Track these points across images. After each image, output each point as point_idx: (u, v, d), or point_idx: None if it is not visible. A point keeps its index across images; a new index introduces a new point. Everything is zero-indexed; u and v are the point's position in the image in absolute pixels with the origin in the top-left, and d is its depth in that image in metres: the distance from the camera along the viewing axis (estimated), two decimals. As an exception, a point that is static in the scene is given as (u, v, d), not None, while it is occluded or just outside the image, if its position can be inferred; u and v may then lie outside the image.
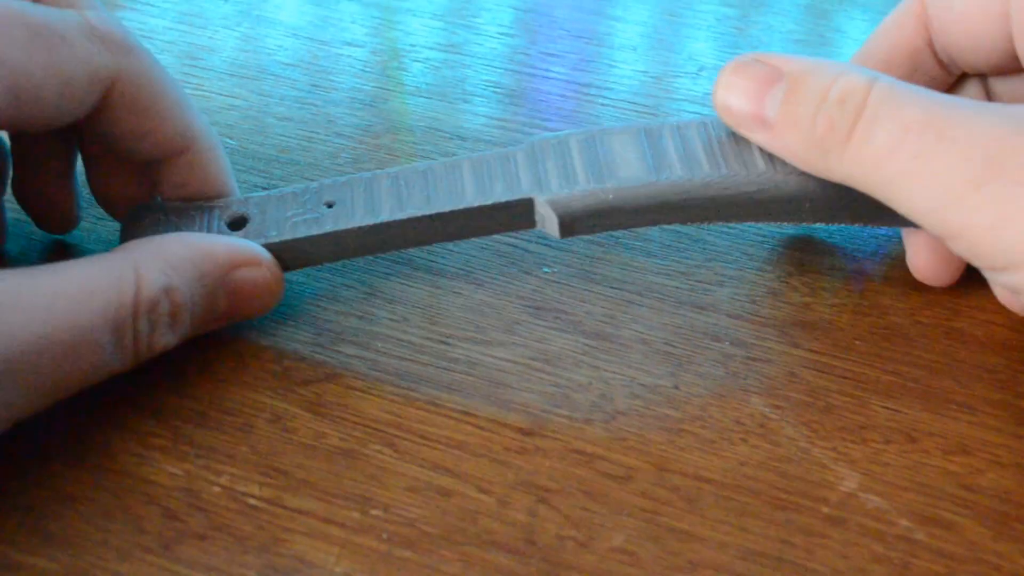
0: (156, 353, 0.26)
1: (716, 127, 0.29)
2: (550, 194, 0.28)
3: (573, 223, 0.28)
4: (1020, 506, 0.26)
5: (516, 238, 0.32)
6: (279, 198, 0.30)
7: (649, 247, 0.32)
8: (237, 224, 0.29)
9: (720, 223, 0.29)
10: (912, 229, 0.30)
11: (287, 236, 0.29)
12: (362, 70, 0.40)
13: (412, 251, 0.32)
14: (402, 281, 0.31)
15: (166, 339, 0.26)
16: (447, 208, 0.29)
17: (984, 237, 0.24)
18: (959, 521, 0.26)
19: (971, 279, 0.31)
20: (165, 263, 0.26)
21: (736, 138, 0.29)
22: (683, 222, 0.29)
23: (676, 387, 0.28)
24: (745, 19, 0.43)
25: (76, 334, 0.24)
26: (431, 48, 0.41)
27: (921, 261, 0.30)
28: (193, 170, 0.29)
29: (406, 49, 0.41)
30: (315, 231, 0.29)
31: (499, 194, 0.29)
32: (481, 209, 0.29)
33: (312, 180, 0.34)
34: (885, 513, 0.26)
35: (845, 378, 0.29)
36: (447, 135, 0.37)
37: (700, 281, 0.31)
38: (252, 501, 0.26)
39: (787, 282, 0.31)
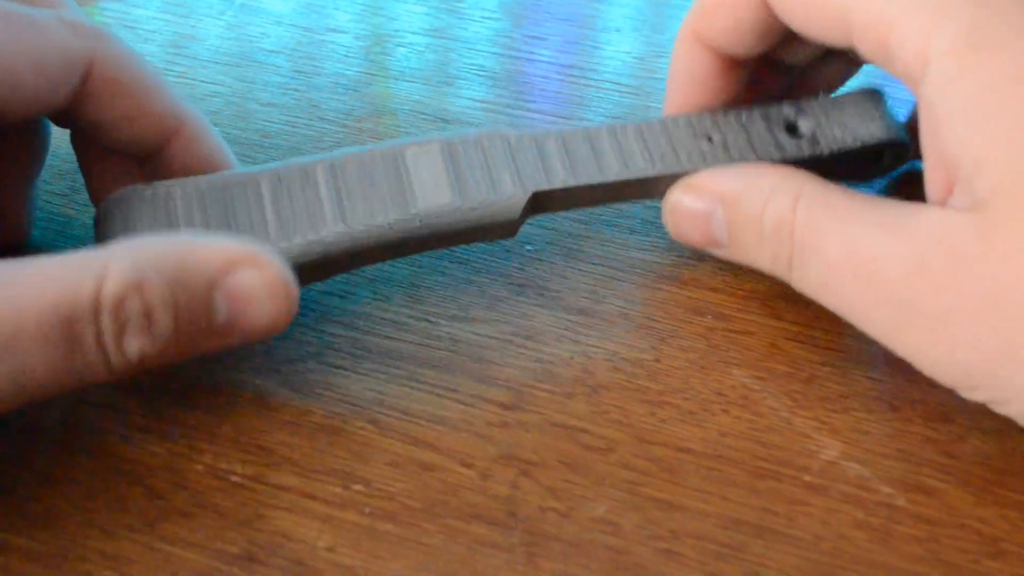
0: (135, 362, 0.23)
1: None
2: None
3: None
4: (1001, 472, 0.26)
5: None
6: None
7: (632, 223, 0.32)
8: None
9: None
10: None
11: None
12: (345, 56, 0.40)
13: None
14: (385, 261, 0.31)
15: (140, 343, 0.23)
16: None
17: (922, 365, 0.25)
18: (940, 487, 0.26)
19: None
20: (140, 258, 0.23)
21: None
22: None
23: (658, 360, 0.28)
24: (729, -1, 0.43)
25: (16, 325, 0.21)
26: (415, 33, 0.41)
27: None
28: (191, 150, 0.29)
29: (390, 34, 0.41)
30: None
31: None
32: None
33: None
34: (867, 480, 0.26)
35: (827, 349, 0.29)
36: (430, 118, 0.37)
37: (682, 256, 0.31)
38: (235, 478, 0.26)
39: (769, 256, 0.31)
